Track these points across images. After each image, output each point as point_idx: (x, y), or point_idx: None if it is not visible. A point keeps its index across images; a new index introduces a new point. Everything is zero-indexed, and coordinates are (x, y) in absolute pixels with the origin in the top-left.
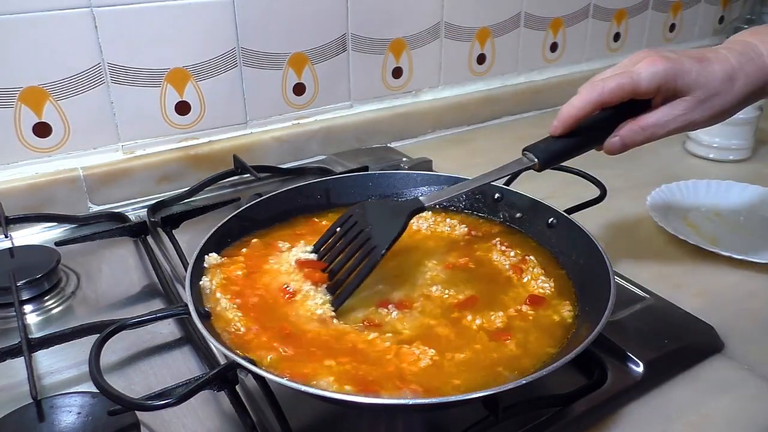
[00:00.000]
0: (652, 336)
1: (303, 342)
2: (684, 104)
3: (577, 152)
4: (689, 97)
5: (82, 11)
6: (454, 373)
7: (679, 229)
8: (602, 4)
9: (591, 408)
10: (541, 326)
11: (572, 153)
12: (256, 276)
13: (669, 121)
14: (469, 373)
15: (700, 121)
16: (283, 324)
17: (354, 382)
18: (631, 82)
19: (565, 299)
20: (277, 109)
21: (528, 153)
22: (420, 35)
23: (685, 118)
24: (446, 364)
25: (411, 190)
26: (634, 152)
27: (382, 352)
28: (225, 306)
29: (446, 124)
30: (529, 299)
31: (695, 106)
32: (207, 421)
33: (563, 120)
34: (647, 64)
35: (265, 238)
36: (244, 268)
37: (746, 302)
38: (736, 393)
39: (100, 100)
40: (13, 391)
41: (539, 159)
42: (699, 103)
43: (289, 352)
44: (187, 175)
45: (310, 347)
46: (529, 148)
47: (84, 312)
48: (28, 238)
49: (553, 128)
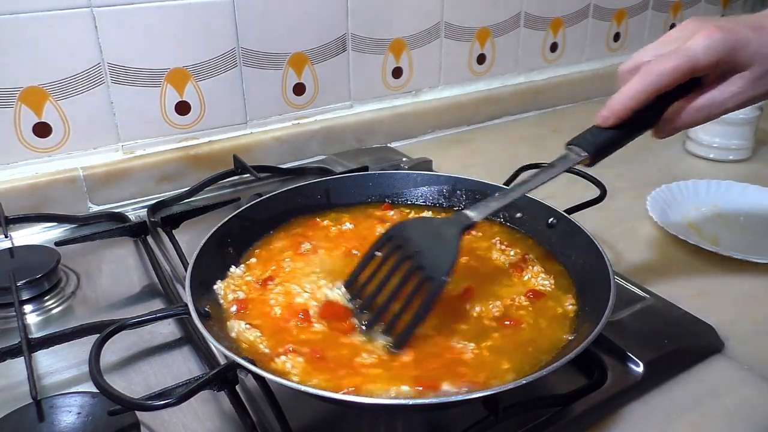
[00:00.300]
0: (652, 336)
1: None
2: (742, 80)
3: (627, 141)
4: (747, 73)
5: (82, 11)
6: (497, 359)
7: (679, 229)
8: (602, 4)
9: (591, 408)
10: (547, 316)
11: (623, 142)
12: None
13: (726, 99)
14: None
15: (759, 97)
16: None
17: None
18: (687, 63)
19: (566, 293)
20: (277, 109)
21: (574, 147)
22: (420, 35)
23: (743, 95)
24: (484, 353)
25: (411, 190)
26: (634, 152)
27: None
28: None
29: (446, 124)
30: (531, 293)
31: (754, 81)
32: (207, 421)
33: (616, 111)
34: (702, 37)
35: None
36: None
37: (746, 302)
38: (736, 393)
39: (100, 100)
40: (13, 391)
41: (590, 153)
42: (758, 78)
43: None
44: (187, 175)
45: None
46: (575, 142)
47: (84, 312)
48: (28, 238)
49: (603, 119)
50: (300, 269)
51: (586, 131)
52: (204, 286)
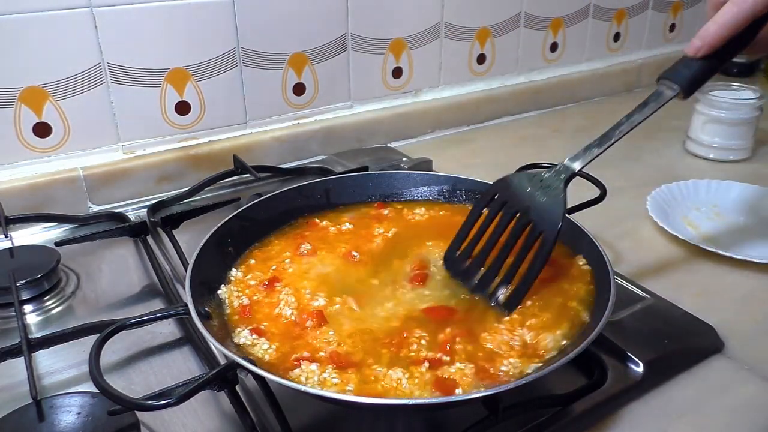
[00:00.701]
0: (652, 336)
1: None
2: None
3: (718, 70)
4: None
5: (82, 11)
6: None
7: (680, 229)
8: (602, 4)
9: (591, 408)
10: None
11: (715, 71)
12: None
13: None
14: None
15: None
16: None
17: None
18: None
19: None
20: (277, 109)
21: (666, 81)
22: (420, 35)
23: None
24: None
25: (411, 190)
26: (634, 152)
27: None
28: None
29: (446, 124)
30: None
31: None
32: (207, 421)
33: (709, 41)
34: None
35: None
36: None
37: (746, 302)
38: (736, 393)
39: (100, 100)
40: (13, 391)
41: (682, 86)
42: None
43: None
44: (187, 175)
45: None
46: (666, 75)
47: (84, 312)
48: (28, 238)
49: (695, 49)
50: (302, 270)
51: (677, 63)
52: (204, 287)
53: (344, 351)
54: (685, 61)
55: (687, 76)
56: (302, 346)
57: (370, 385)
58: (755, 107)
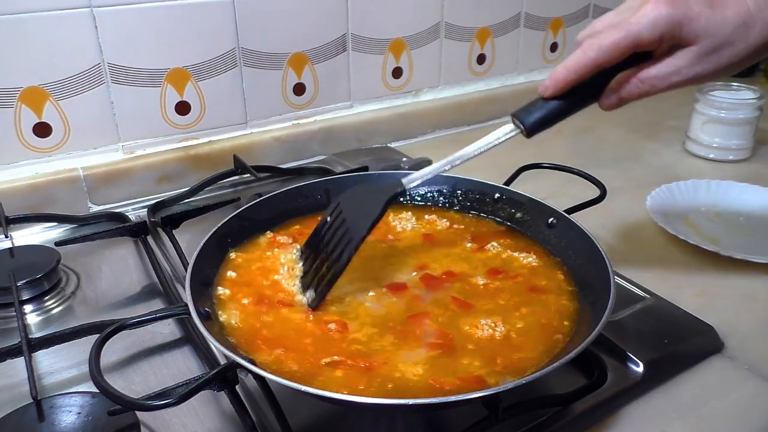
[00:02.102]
0: (652, 336)
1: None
2: (687, 56)
3: (570, 114)
4: (694, 48)
5: (82, 11)
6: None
7: (679, 229)
8: (602, 4)
9: (591, 408)
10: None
11: (564, 115)
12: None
13: (671, 73)
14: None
15: (706, 74)
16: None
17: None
18: (628, 38)
19: (566, 289)
20: (277, 109)
21: (515, 119)
22: (420, 35)
23: (689, 71)
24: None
25: (411, 190)
26: (634, 152)
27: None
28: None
29: (446, 124)
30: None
31: (701, 57)
32: (207, 421)
33: (555, 83)
34: (648, 11)
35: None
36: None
37: (746, 302)
38: (736, 393)
39: (100, 100)
40: (13, 391)
41: (526, 128)
42: (705, 55)
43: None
44: (187, 175)
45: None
46: (515, 113)
47: (84, 312)
48: (28, 238)
49: (543, 88)
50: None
51: (530, 102)
52: (204, 286)
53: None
54: (537, 100)
55: (534, 117)
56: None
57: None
58: (755, 107)
